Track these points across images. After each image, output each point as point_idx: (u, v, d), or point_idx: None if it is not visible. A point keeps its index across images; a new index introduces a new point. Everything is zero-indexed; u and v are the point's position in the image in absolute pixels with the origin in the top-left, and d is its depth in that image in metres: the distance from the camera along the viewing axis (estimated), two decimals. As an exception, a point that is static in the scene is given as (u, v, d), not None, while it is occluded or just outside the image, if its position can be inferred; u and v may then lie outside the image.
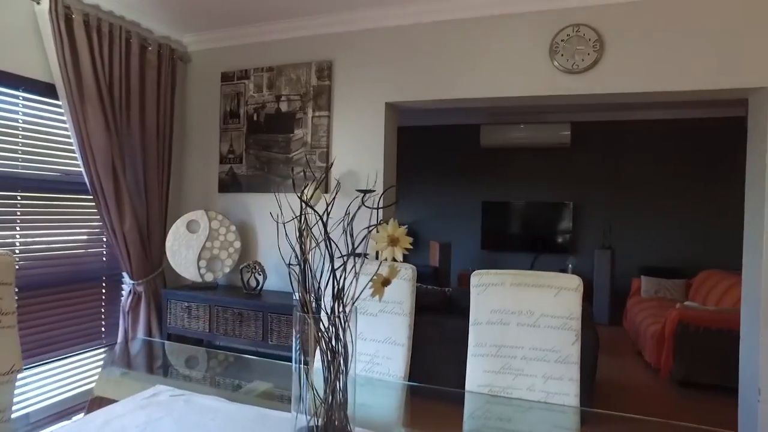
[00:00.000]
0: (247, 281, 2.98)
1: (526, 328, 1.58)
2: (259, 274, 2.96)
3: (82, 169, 2.75)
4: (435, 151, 6.59)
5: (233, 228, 3.11)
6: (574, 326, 1.55)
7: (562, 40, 2.52)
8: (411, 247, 1.05)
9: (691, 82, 2.37)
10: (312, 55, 3.05)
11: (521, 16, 2.61)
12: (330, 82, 3.00)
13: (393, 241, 1.04)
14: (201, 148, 3.36)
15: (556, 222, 6.10)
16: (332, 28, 3.00)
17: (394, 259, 1.04)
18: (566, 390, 1.52)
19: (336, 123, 3.01)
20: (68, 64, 2.54)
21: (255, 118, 3.17)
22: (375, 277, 1.06)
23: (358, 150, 2.97)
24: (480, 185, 6.43)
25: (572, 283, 1.55)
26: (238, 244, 3.10)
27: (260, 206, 3.19)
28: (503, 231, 6.39)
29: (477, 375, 1.60)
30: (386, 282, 1.06)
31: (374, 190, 2.75)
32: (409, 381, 2.23)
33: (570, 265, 6.06)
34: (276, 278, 3.11)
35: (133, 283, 2.98)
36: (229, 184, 3.25)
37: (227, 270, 3.10)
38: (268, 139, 3.14)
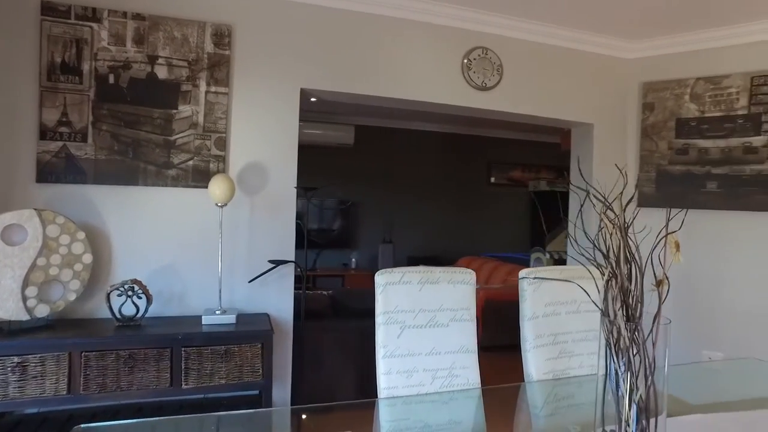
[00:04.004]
0: (120, 309, 2.12)
1: (574, 315, 1.81)
2: (140, 297, 2.15)
3: None
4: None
5: (81, 235, 2.14)
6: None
7: (474, 59, 2.83)
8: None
9: (548, 112, 3.06)
10: (205, 13, 2.40)
11: (439, 28, 2.78)
12: (230, 52, 2.44)
13: (677, 246, 1.10)
14: (-1, 112, 2.15)
15: (340, 218, 6.47)
16: (231, -14, 2.45)
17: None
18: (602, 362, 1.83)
19: (237, 103, 2.47)
20: None
21: (112, 80, 2.26)
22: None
23: (266, 139, 2.53)
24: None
25: (598, 273, 1.86)
26: (88, 259, 2.15)
27: (120, 204, 2.30)
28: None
29: (540, 364, 1.72)
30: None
31: (317, 188, 2.41)
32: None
33: (353, 260, 6.54)
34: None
35: None
36: (61, 171, 2.21)
37: (73, 297, 2.11)
38: (134, 113, 2.29)
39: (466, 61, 2.82)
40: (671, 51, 3.03)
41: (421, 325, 1.61)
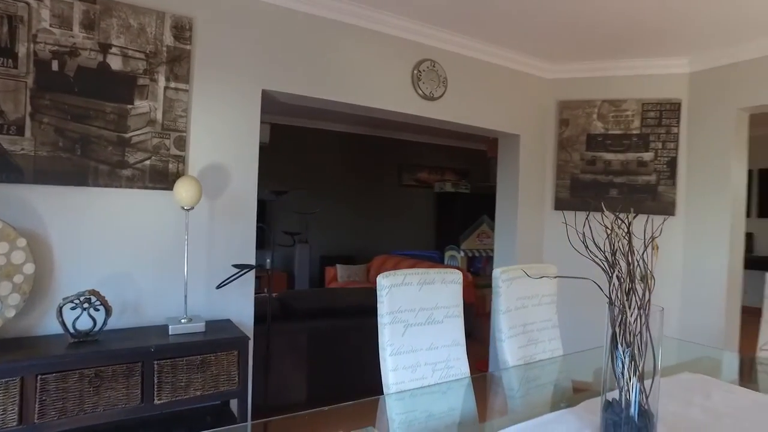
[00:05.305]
0: (74, 323, 1.91)
1: (537, 307, 2.06)
2: (97, 310, 1.96)
3: None
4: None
5: (22, 242, 1.88)
6: (555, 300, 2.16)
7: (423, 70, 3.00)
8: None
9: (484, 122, 3.36)
10: (164, 2, 2.24)
11: (394, 38, 2.91)
12: (191, 47, 2.31)
13: (656, 248, 1.36)
14: None
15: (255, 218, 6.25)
16: (189, -24, 2.32)
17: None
18: (557, 346, 2.12)
19: (197, 102, 2.35)
20: None
21: (55, 67, 2.01)
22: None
23: (228, 140, 2.45)
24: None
25: (553, 270, 2.14)
26: (30, 269, 1.91)
27: (66, 206, 2.05)
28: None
29: (514, 352, 1.95)
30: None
31: (287, 191, 2.37)
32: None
33: (268, 260, 6.37)
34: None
35: None
36: (-8, 169, 1.92)
37: (12, 314, 1.86)
38: (84, 106, 2.07)
39: (416, 71, 2.98)
40: (583, 75, 3.51)
41: (421, 323, 1.73)
